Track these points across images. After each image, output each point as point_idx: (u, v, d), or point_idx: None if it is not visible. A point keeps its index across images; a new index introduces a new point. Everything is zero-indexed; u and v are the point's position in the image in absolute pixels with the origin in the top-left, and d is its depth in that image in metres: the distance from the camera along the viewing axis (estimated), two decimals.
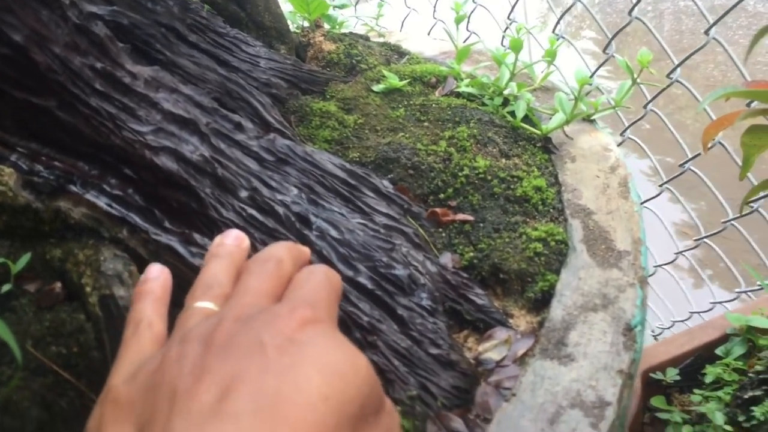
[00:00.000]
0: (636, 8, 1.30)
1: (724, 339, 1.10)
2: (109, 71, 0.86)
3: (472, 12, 1.90)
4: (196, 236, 0.82)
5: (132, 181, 0.87)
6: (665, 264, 1.85)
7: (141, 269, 0.78)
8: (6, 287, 0.76)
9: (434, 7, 2.07)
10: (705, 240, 1.55)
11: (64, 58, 0.82)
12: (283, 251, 0.60)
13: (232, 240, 0.64)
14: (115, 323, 0.73)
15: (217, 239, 0.64)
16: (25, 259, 0.77)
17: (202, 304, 0.55)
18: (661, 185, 1.55)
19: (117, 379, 0.49)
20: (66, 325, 0.73)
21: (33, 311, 0.76)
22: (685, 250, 1.66)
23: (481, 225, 0.95)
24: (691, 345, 1.10)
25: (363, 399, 0.45)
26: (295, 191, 0.92)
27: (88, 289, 0.75)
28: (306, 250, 0.63)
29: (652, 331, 2.32)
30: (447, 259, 0.92)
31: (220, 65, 1.09)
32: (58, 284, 0.78)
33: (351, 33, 1.43)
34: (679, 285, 1.96)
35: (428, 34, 1.88)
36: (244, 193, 0.88)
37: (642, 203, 1.51)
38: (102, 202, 0.81)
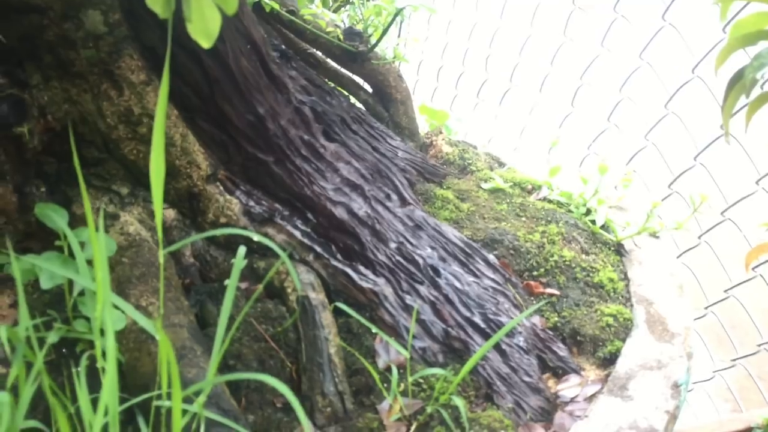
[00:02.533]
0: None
1: (748, 431, 1.32)
2: (311, 142, 1.19)
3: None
4: (361, 267, 1.11)
5: (311, 223, 1.17)
6: (702, 381, 2.05)
7: (322, 286, 1.08)
8: (227, 281, 1.05)
9: (522, 130, 2.40)
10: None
11: (285, 129, 1.15)
12: None
13: None
14: (307, 315, 1.01)
15: None
16: (240, 263, 1.06)
17: None
18: (706, 307, 1.80)
19: None
20: (272, 312, 1.02)
21: (244, 302, 1.05)
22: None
23: (565, 299, 1.22)
24: (720, 431, 1.32)
25: None
26: (429, 249, 1.21)
27: (288, 290, 1.05)
28: None
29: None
30: (537, 320, 1.19)
31: (372, 150, 1.42)
32: (260, 286, 1.07)
33: (464, 141, 1.76)
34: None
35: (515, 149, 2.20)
36: (393, 245, 1.18)
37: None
38: (298, 233, 1.12)
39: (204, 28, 0.66)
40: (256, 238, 0.81)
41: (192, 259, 1.12)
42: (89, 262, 0.92)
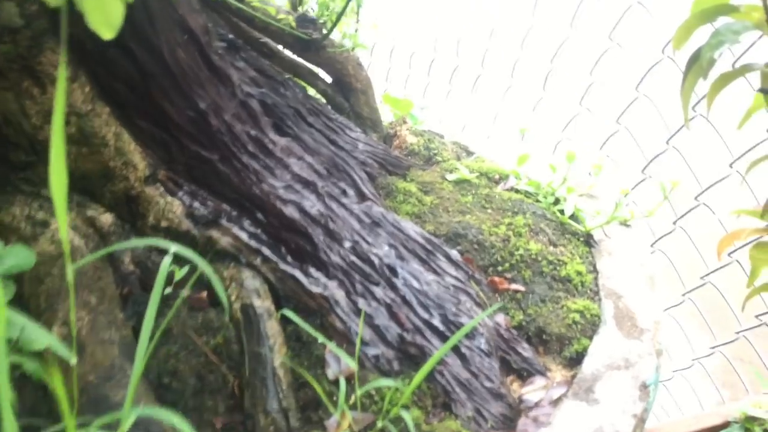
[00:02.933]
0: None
1: (726, 425, 1.28)
2: (258, 138, 1.12)
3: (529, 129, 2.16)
4: (312, 270, 1.05)
5: (261, 224, 1.11)
6: (682, 370, 2.02)
7: (270, 291, 1.02)
8: (168, 290, 0.99)
9: (494, 117, 2.34)
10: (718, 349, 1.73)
11: (230, 124, 1.08)
12: None
13: None
14: (250, 325, 0.95)
15: None
16: (184, 271, 1.00)
17: None
18: (683, 294, 1.75)
19: None
20: (214, 322, 0.96)
21: (186, 311, 0.99)
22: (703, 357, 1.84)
23: (530, 295, 1.17)
24: (697, 426, 1.28)
25: None
26: (386, 248, 1.15)
27: (232, 298, 0.98)
28: None
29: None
30: (501, 318, 1.13)
31: (329, 143, 1.36)
32: (205, 293, 1.01)
33: (429, 130, 1.70)
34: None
35: (488, 137, 2.15)
36: (347, 244, 1.11)
37: (665, 309, 1.71)
38: (244, 235, 1.05)
39: (103, 18, 0.59)
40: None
41: (132, 266, 1.05)
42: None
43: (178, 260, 1.07)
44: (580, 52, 1.88)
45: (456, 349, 1.02)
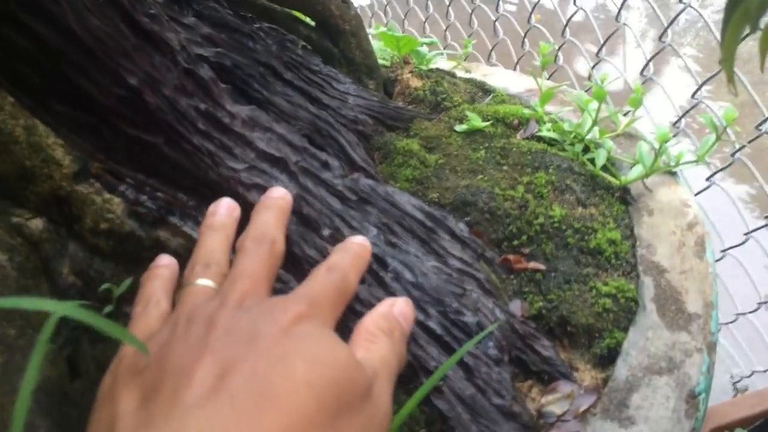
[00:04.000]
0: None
1: None
2: (211, 112, 0.93)
3: (562, 46, 1.90)
4: (281, 272, 0.87)
5: None
6: (748, 313, 1.80)
7: None
8: (108, 308, 0.83)
9: (523, 38, 2.08)
10: None
11: (172, 100, 0.89)
12: (274, 230, 0.70)
13: (225, 210, 0.76)
14: None
15: (211, 208, 0.76)
16: (126, 284, 0.84)
17: (202, 281, 0.66)
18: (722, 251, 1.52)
19: (130, 349, 0.59)
20: None
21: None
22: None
23: (553, 275, 0.97)
24: (762, 406, 1.08)
25: (343, 387, 0.52)
26: (375, 231, 0.96)
27: None
28: (287, 212, 0.73)
29: (731, 377, 2.26)
30: (516, 307, 0.94)
31: (311, 103, 1.15)
32: None
33: (437, 69, 1.47)
34: (760, 334, 1.91)
35: (515, 68, 1.90)
36: (326, 232, 0.93)
37: (729, 249, 1.48)
38: (197, 235, 0.88)
39: None
40: None
41: (72, 277, 0.90)
42: None
43: (131, 266, 0.92)
44: None
45: (459, 360, 0.84)
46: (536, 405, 0.84)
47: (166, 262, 0.78)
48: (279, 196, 0.82)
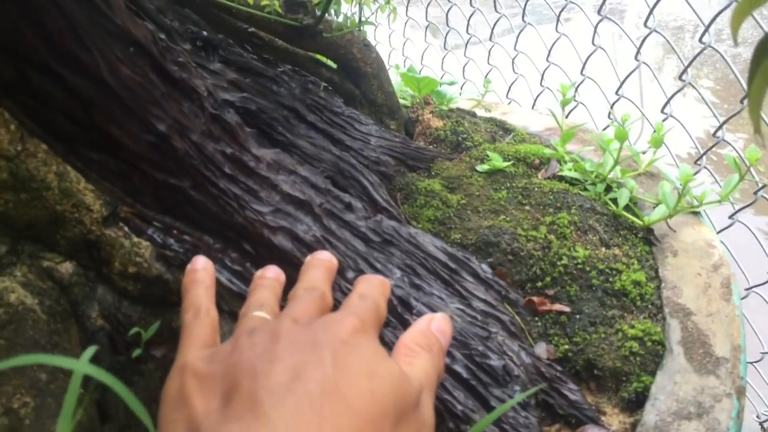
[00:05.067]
0: None
1: None
2: (237, 156, 0.95)
3: (581, 83, 1.92)
4: None
5: (250, 256, 0.95)
6: None
7: None
8: (137, 352, 0.84)
9: (542, 75, 2.10)
10: None
11: (199, 145, 0.91)
12: (323, 284, 0.75)
13: (273, 274, 0.79)
14: None
15: (259, 273, 0.80)
16: (154, 327, 0.85)
17: (257, 312, 0.70)
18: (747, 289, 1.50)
19: (192, 356, 0.63)
20: None
21: (159, 375, 0.84)
22: None
23: (578, 317, 0.97)
24: None
25: (399, 397, 0.57)
26: (398, 273, 0.97)
27: None
28: (333, 272, 0.76)
29: (758, 416, 2.22)
30: (542, 349, 0.94)
31: (334, 144, 1.17)
32: None
33: (458, 109, 1.49)
34: None
35: (533, 105, 1.91)
36: (350, 274, 0.94)
37: (752, 288, 1.47)
38: (224, 278, 0.89)
39: None
40: None
41: (101, 320, 0.91)
42: None
43: (159, 309, 0.93)
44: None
45: (484, 402, 0.83)
46: None
47: (202, 265, 0.81)
48: (326, 258, 0.86)
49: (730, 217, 1.50)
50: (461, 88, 2.21)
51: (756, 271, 1.71)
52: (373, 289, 0.76)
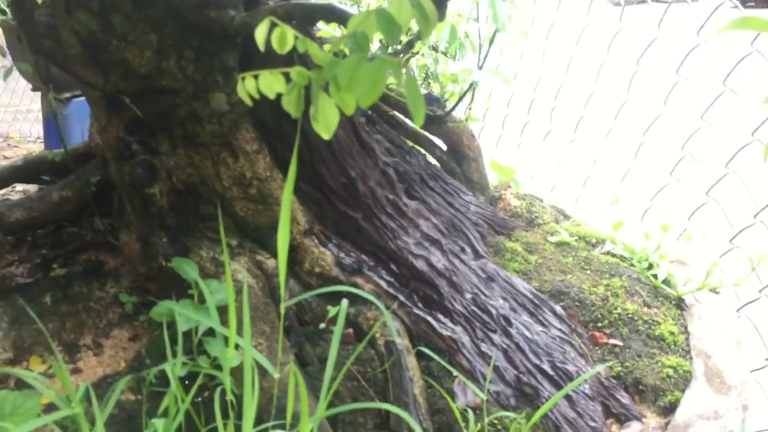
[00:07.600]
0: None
1: None
2: (394, 201, 1.32)
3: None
4: (440, 316, 1.23)
5: (394, 274, 1.30)
6: None
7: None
8: (321, 325, 1.19)
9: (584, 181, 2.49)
10: None
11: (373, 189, 1.28)
12: None
13: None
14: (394, 358, 1.14)
15: None
16: (333, 310, 1.20)
17: None
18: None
19: None
20: (362, 355, 1.15)
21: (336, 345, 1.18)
22: None
23: (628, 350, 1.31)
24: None
25: None
26: (501, 300, 1.32)
27: (377, 335, 1.17)
28: None
29: None
30: (601, 368, 1.28)
31: (448, 205, 1.55)
32: (351, 330, 1.21)
33: (530, 194, 1.87)
34: None
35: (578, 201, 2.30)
36: (468, 295, 1.30)
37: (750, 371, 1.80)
38: (383, 283, 1.25)
39: (325, 124, 0.80)
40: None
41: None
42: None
43: (329, 300, 1.28)
44: (673, 124, 2.03)
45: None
46: None
47: None
48: None
49: (739, 309, 1.85)
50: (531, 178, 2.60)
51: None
52: None
